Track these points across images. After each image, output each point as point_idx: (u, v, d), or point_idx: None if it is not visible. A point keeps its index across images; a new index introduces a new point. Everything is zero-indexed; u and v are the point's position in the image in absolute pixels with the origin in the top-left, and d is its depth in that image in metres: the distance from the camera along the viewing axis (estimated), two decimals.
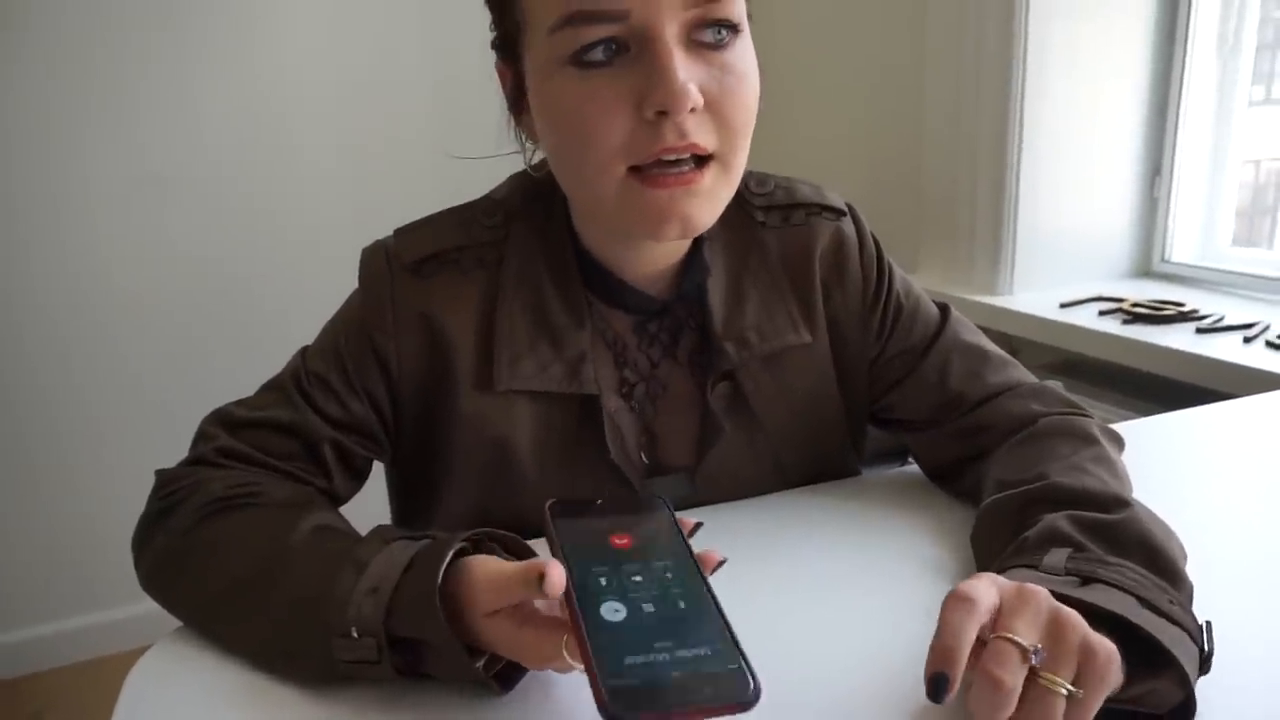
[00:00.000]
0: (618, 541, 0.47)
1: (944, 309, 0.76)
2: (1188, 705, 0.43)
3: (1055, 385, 0.73)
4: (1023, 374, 0.74)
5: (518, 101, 0.61)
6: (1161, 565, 0.50)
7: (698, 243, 0.68)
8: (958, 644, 0.40)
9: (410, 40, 1.90)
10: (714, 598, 0.43)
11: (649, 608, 0.42)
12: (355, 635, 0.48)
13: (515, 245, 0.66)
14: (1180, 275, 1.64)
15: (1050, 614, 0.42)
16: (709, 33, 0.54)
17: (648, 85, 0.53)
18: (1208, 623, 0.47)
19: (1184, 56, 1.57)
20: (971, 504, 0.65)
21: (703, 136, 0.55)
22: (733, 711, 0.38)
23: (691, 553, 0.47)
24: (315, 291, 1.10)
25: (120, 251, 1.80)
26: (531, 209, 0.67)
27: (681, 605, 0.43)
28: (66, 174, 1.73)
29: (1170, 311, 1.39)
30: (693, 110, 0.53)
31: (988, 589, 0.43)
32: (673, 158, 0.54)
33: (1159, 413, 0.96)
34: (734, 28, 0.55)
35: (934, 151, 1.70)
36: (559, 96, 0.55)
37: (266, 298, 1.92)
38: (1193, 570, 0.52)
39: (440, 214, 0.69)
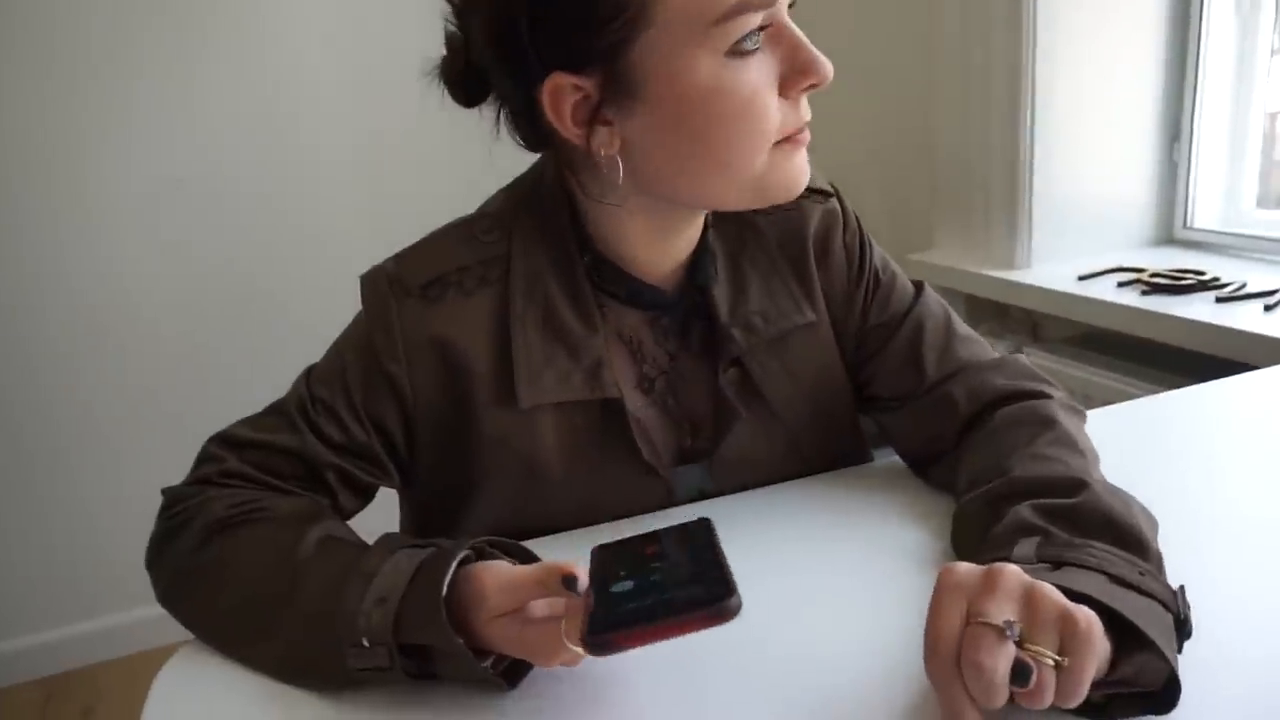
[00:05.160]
0: (649, 550, 0.49)
1: (918, 285, 0.78)
2: (1173, 675, 0.44)
3: (1019, 357, 0.75)
4: (986, 350, 0.76)
5: (595, 114, 0.58)
6: (1126, 538, 0.51)
7: (704, 235, 0.69)
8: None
9: (417, 33, 1.91)
10: (720, 553, 0.46)
11: (656, 577, 0.46)
12: (366, 645, 0.50)
13: (519, 258, 0.66)
14: (1204, 241, 1.61)
15: (1024, 590, 0.43)
16: (790, 12, 0.59)
17: (794, 64, 0.58)
18: (1181, 587, 0.48)
19: (1201, 16, 1.54)
20: (952, 495, 0.66)
21: None
22: (711, 622, 0.41)
23: (714, 538, 0.48)
24: (330, 296, 1.12)
25: (134, 256, 1.83)
26: (528, 219, 0.68)
27: (686, 569, 0.46)
28: (82, 180, 1.77)
29: (1190, 280, 1.37)
30: None
31: (957, 601, 0.43)
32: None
33: (1181, 385, 0.95)
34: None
35: (946, 124, 1.68)
36: (722, 87, 0.56)
37: (280, 301, 1.94)
38: (1213, 544, 0.52)
39: (437, 234, 0.69)
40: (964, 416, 0.70)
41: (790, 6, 0.59)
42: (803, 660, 0.53)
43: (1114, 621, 0.44)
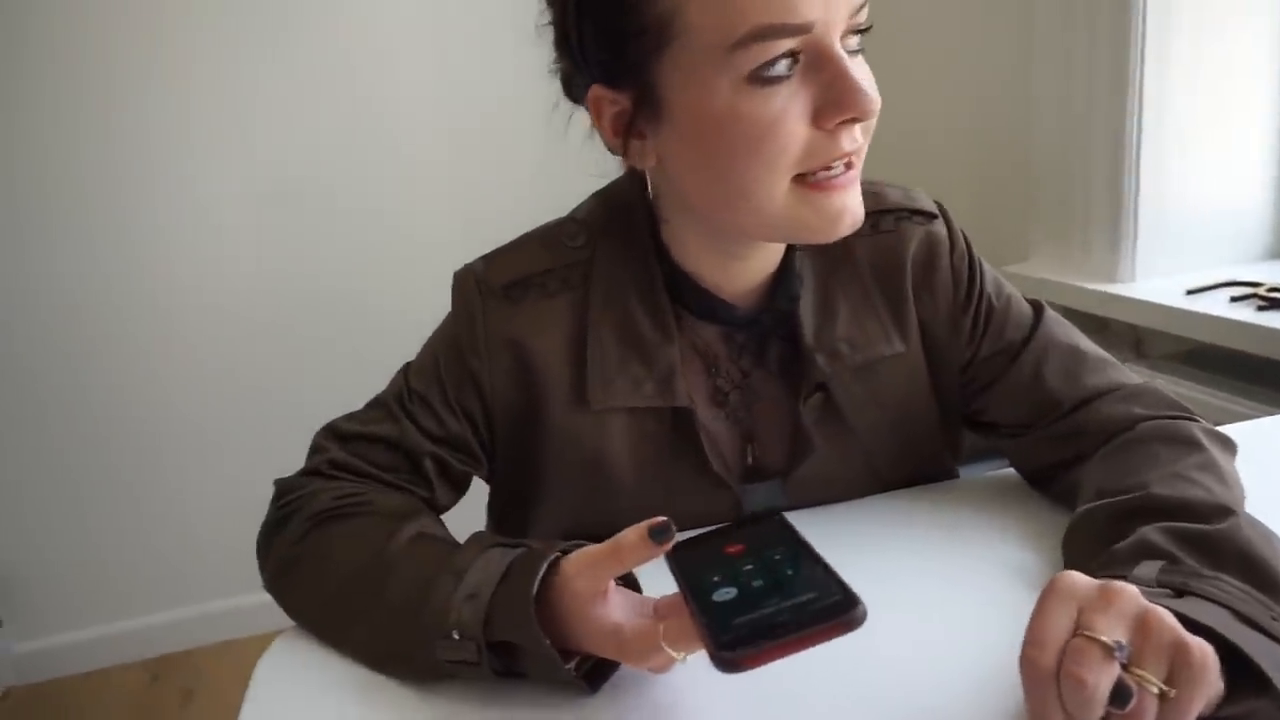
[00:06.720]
0: (731, 549, 0.49)
1: (1037, 307, 0.74)
2: None
3: (1157, 386, 0.70)
4: (1123, 375, 0.71)
5: (630, 128, 0.59)
6: (1264, 578, 0.48)
7: (789, 255, 0.68)
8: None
9: (509, 37, 1.95)
10: (821, 558, 0.45)
11: (758, 583, 0.45)
12: (457, 638, 0.51)
13: (601, 265, 0.67)
14: None
15: (1138, 611, 0.41)
16: (854, 40, 0.56)
17: (830, 95, 0.54)
18: None
19: None
20: (1067, 508, 0.63)
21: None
22: (839, 632, 0.40)
23: (801, 538, 0.48)
24: (422, 295, 1.15)
25: (236, 259, 1.93)
26: (614, 227, 0.69)
27: (790, 573, 0.45)
28: (189, 186, 1.88)
29: None
30: None
31: (1067, 609, 0.42)
32: (835, 163, 0.56)
33: None
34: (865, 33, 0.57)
35: (1043, 125, 1.61)
36: (739, 113, 0.54)
37: (373, 300, 2.02)
38: None
39: (526, 236, 0.71)
40: (1098, 445, 0.66)
41: (862, 32, 0.56)
42: (899, 674, 0.52)
43: (1232, 660, 0.42)
